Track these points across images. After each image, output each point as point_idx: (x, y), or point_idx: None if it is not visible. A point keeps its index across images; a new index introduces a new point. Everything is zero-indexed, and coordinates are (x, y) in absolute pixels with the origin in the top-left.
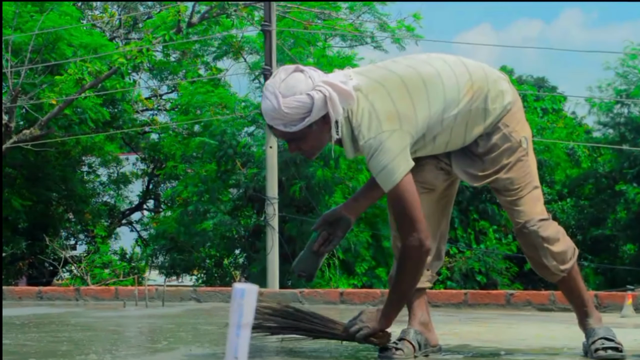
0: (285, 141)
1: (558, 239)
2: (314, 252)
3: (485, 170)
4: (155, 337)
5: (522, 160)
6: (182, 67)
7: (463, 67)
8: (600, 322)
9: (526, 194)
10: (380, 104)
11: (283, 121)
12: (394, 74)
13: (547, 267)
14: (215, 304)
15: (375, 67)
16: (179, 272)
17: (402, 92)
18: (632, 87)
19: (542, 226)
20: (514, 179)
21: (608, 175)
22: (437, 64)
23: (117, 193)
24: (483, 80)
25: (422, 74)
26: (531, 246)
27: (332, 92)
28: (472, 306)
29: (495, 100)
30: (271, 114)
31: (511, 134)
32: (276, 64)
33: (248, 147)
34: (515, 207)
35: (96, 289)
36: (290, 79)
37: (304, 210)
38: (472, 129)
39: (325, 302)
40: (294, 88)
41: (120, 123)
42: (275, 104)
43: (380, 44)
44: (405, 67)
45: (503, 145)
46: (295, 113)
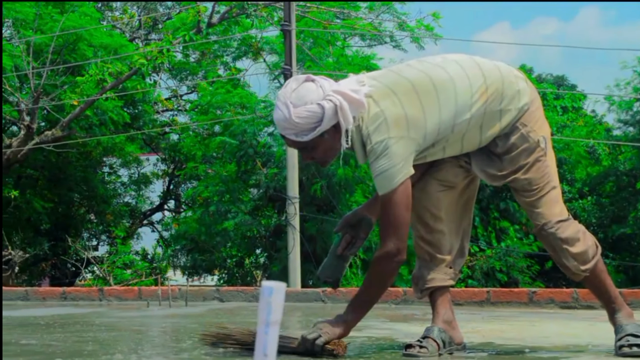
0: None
1: (578, 238)
2: (338, 257)
3: (503, 170)
4: (179, 336)
5: (541, 161)
6: (202, 67)
7: (478, 70)
8: (631, 318)
9: (544, 195)
10: (390, 111)
11: (294, 131)
12: (405, 79)
13: (568, 267)
14: (238, 303)
15: (389, 71)
16: (201, 272)
17: (412, 97)
18: None
19: (561, 227)
20: (532, 180)
21: (629, 173)
22: (451, 67)
23: (138, 194)
24: (499, 81)
25: (433, 79)
26: (550, 247)
27: (343, 101)
28: (495, 304)
29: (511, 101)
30: (283, 123)
31: (529, 133)
32: (296, 63)
33: (268, 146)
34: (533, 209)
35: (119, 289)
36: (301, 88)
37: (324, 209)
38: (487, 130)
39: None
40: (304, 97)
41: (140, 124)
42: (286, 113)
43: (400, 44)
44: (418, 72)
45: (522, 145)
46: (306, 123)
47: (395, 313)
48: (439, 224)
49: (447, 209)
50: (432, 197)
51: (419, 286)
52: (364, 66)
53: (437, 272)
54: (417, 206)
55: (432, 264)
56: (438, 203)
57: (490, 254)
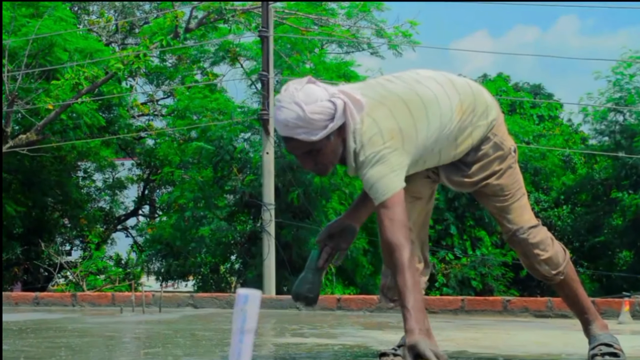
0: (298, 157)
1: (548, 244)
2: (317, 270)
3: (473, 176)
4: (152, 343)
5: (512, 168)
6: (179, 72)
7: (452, 88)
8: (605, 329)
9: (516, 201)
10: (384, 122)
11: (307, 129)
12: (393, 94)
13: (540, 272)
14: (212, 310)
15: (371, 84)
16: (175, 277)
17: (404, 112)
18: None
19: (532, 233)
20: (504, 186)
21: (604, 182)
22: (432, 85)
23: (112, 198)
24: (471, 98)
25: (420, 95)
26: (522, 253)
27: (348, 100)
28: (469, 312)
29: (481, 116)
30: (295, 122)
31: (502, 142)
32: (273, 69)
33: (245, 152)
34: (505, 214)
35: (93, 295)
36: (306, 88)
37: (300, 216)
38: (461, 145)
39: (323, 308)
40: (313, 95)
41: (116, 128)
42: (299, 111)
43: (377, 50)
44: (404, 88)
45: (495, 153)
46: (320, 119)
47: (370, 321)
48: (411, 234)
49: (414, 219)
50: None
51: (388, 295)
52: (341, 73)
53: None
54: None
55: None
56: (407, 214)
57: (465, 262)
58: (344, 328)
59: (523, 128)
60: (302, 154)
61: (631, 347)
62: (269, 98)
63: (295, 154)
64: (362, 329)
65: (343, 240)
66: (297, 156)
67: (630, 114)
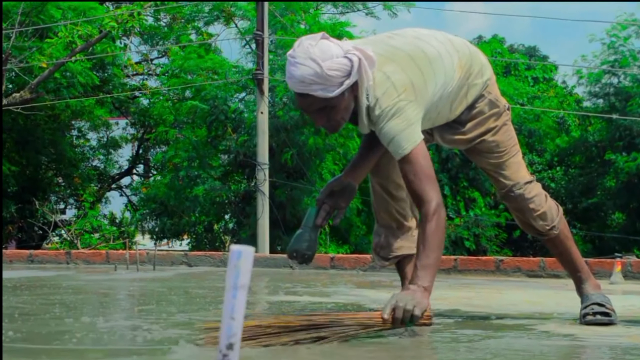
0: (310, 113)
1: (543, 199)
2: (314, 228)
3: (467, 133)
4: (146, 300)
5: (507, 125)
6: (173, 32)
7: (452, 46)
8: (597, 289)
9: (511, 157)
10: (396, 76)
11: (324, 85)
12: (399, 49)
13: (534, 227)
14: (206, 268)
15: (373, 42)
16: (169, 236)
17: (412, 67)
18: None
19: (527, 188)
20: (500, 142)
21: (598, 144)
22: (434, 42)
23: (106, 157)
24: (468, 56)
25: (425, 52)
26: (518, 209)
27: (362, 56)
28: (462, 272)
29: (477, 75)
30: (312, 78)
31: (497, 99)
32: (268, 29)
33: (239, 112)
34: (500, 170)
35: (87, 253)
36: (321, 44)
37: (294, 176)
38: (457, 104)
39: (316, 267)
40: (329, 51)
41: (110, 87)
42: (316, 67)
43: (372, 11)
44: (407, 44)
45: (490, 110)
46: (337, 76)
47: (363, 280)
48: (402, 193)
49: None
50: (396, 167)
51: (381, 254)
52: (336, 34)
53: (404, 239)
54: (382, 177)
55: (399, 232)
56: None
57: (459, 222)
58: (337, 287)
59: (517, 90)
60: (315, 110)
61: (622, 307)
62: (263, 58)
63: (308, 111)
64: (355, 287)
65: (342, 199)
66: (310, 112)
67: (624, 77)
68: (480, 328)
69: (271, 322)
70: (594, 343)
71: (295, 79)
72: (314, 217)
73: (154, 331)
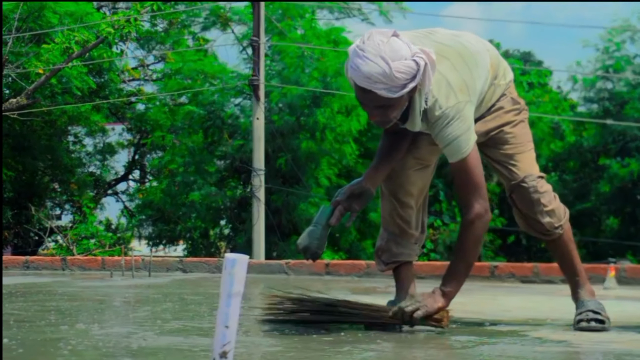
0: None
1: (553, 196)
2: (328, 226)
3: (489, 124)
4: (141, 306)
5: (524, 122)
6: (170, 37)
7: (483, 45)
8: (592, 296)
9: (526, 151)
10: (451, 75)
11: (388, 85)
12: (447, 46)
13: (542, 224)
14: (201, 274)
15: (417, 38)
16: (165, 242)
17: (462, 64)
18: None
19: (540, 182)
20: (516, 135)
21: (592, 149)
22: (472, 40)
23: (102, 163)
24: (496, 57)
25: (470, 49)
26: (528, 201)
27: (428, 61)
28: None
29: (502, 76)
30: (378, 77)
31: (517, 98)
32: (264, 35)
33: (235, 117)
34: (514, 162)
35: (82, 259)
36: (392, 42)
37: (290, 181)
38: (486, 104)
39: (311, 273)
40: (399, 52)
41: (106, 93)
42: (385, 67)
43: (368, 17)
44: (452, 41)
45: (511, 106)
46: (402, 78)
47: (358, 286)
48: (411, 200)
49: (420, 186)
50: (409, 174)
51: (382, 259)
52: (331, 39)
53: (405, 247)
54: (393, 183)
55: (401, 239)
56: (412, 180)
57: (453, 228)
58: (332, 293)
59: None
60: (373, 106)
61: (616, 313)
62: (259, 64)
63: (364, 104)
64: (350, 293)
65: (357, 202)
66: (366, 106)
67: (618, 82)
68: (474, 334)
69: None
70: (587, 349)
71: (361, 73)
72: (328, 216)
73: (149, 338)
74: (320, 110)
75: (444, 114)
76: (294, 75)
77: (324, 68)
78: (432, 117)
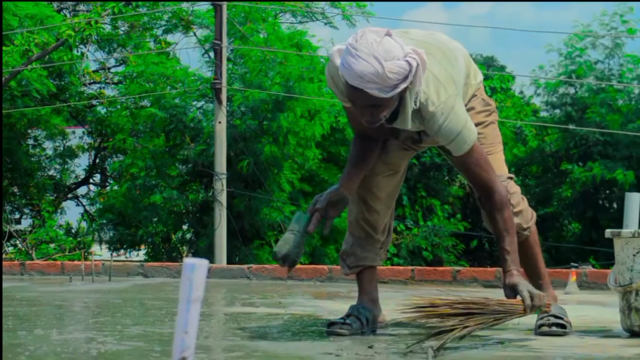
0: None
1: (521, 198)
2: (307, 234)
3: None
4: (102, 311)
5: (495, 123)
6: (131, 40)
7: (456, 43)
8: (554, 301)
9: (496, 152)
10: (436, 70)
11: (380, 86)
12: (428, 44)
13: None
14: (162, 279)
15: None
16: (126, 247)
17: (445, 59)
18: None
19: (510, 183)
20: (487, 135)
21: (554, 154)
22: (444, 37)
23: (63, 167)
24: (467, 56)
25: (448, 45)
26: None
27: (419, 60)
28: (419, 282)
29: (473, 76)
30: (370, 76)
31: (488, 99)
32: (227, 38)
33: (197, 121)
34: None
35: (42, 264)
36: (385, 42)
37: (252, 186)
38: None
39: (273, 278)
40: (391, 52)
41: (67, 96)
42: (378, 67)
43: (331, 21)
44: (430, 37)
45: (482, 107)
46: (395, 78)
47: (320, 290)
48: (379, 205)
49: (389, 191)
50: (378, 180)
51: (347, 262)
52: (294, 42)
53: (370, 251)
54: (362, 188)
55: (367, 243)
56: (381, 185)
57: (416, 232)
58: (294, 297)
59: None
60: (363, 105)
61: (577, 317)
62: (221, 67)
63: (355, 103)
64: (312, 298)
65: (334, 209)
66: (357, 105)
67: (580, 87)
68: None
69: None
70: (549, 353)
71: (353, 72)
72: (306, 224)
73: (108, 344)
74: (283, 114)
75: (438, 110)
76: (256, 79)
77: (287, 72)
78: (426, 114)
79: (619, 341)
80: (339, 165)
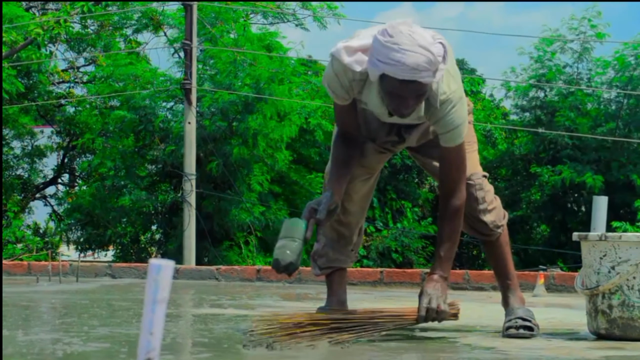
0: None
1: (494, 196)
2: (305, 240)
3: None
4: (69, 312)
5: (471, 123)
6: (101, 39)
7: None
8: (522, 303)
9: (472, 151)
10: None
11: (431, 72)
12: None
13: (484, 222)
14: (130, 280)
15: None
16: (94, 247)
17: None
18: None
19: (485, 181)
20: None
21: (524, 157)
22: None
23: (31, 166)
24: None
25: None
26: (473, 199)
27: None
28: (388, 284)
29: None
30: (425, 65)
31: (467, 99)
32: (197, 38)
33: (167, 122)
34: None
35: (8, 264)
36: (417, 30)
37: (221, 187)
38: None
39: (242, 279)
40: (427, 38)
41: (35, 95)
42: (429, 55)
43: (302, 22)
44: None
45: None
46: (439, 62)
47: (289, 292)
48: (353, 207)
49: (363, 193)
50: (355, 183)
51: (318, 263)
52: (265, 44)
53: (342, 253)
54: None
55: (339, 245)
56: (357, 188)
57: (386, 234)
58: (263, 299)
59: None
60: (413, 96)
61: (544, 320)
62: (191, 67)
63: (403, 96)
64: (280, 299)
65: (328, 217)
66: (403, 97)
67: (550, 91)
68: (403, 340)
69: (306, 318)
70: (516, 356)
71: (406, 66)
72: (305, 230)
73: (75, 344)
74: (252, 116)
75: (449, 99)
76: (226, 80)
77: (257, 74)
78: (435, 102)
79: (585, 344)
80: (309, 167)
